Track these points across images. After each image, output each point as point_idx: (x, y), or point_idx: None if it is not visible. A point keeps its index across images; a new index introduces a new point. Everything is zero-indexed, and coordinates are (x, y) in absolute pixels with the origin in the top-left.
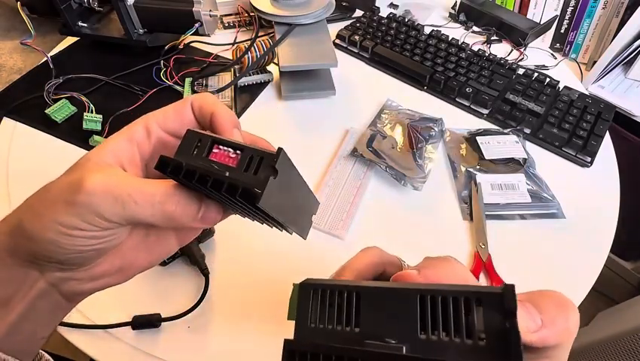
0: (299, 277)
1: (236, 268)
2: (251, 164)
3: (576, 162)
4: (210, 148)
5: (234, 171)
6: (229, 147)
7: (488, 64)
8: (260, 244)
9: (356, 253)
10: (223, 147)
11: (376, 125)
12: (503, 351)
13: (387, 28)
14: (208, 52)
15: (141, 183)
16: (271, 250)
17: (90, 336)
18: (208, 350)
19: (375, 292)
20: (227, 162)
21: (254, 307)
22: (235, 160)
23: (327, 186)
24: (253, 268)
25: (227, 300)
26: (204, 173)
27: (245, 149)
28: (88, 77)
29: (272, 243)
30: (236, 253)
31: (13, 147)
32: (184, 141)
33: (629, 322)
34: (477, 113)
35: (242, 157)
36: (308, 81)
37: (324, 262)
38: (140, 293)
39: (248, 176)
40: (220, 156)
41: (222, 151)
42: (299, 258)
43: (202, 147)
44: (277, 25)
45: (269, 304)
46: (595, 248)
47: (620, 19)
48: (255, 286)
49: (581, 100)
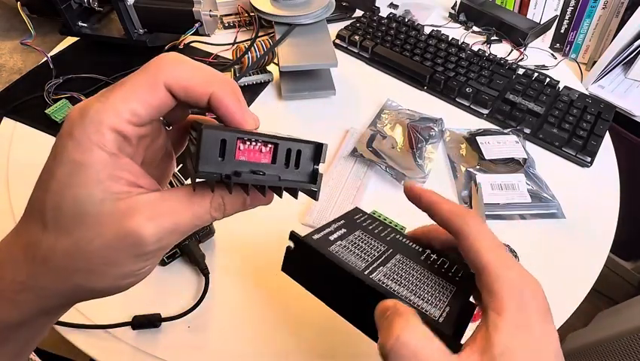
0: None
1: (236, 268)
2: (290, 157)
3: (576, 162)
4: (235, 147)
5: (276, 169)
6: (256, 142)
7: (488, 64)
8: (260, 243)
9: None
10: (250, 143)
11: (376, 125)
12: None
13: (387, 28)
14: (208, 52)
15: (190, 207)
16: (271, 250)
17: (90, 336)
18: (208, 350)
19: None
20: (260, 160)
21: (254, 307)
22: (268, 156)
23: (328, 186)
24: (253, 268)
25: (226, 300)
26: (255, 182)
27: (277, 142)
28: (88, 77)
29: (272, 243)
30: (235, 253)
31: (13, 147)
32: (203, 145)
33: (629, 322)
34: (477, 113)
35: (276, 151)
36: (308, 81)
37: None
38: (140, 293)
39: (294, 173)
40: (251, 154)
41: (250, 147)
42: None
43: (230, 148)
44: (277, 25)
45: (269, 304)
46: (595, 248)
47: (620, 19)
48: (255, 286)
49: (581, 100)
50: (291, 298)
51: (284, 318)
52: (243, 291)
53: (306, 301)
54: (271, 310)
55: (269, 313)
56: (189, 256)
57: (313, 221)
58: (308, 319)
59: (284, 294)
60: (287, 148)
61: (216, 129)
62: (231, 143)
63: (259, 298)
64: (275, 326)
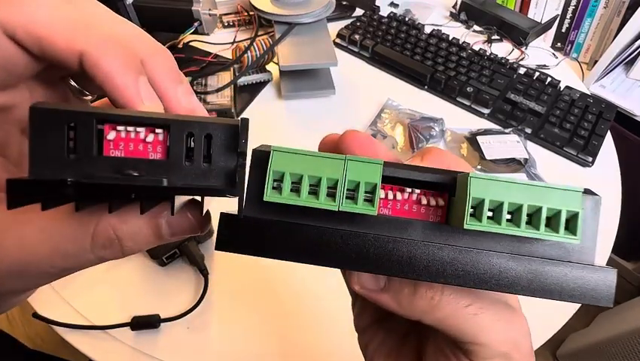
0: (297, 277)
1: (235, 268)
2: (194, 149)
3: (577, 162)
4: (97, 135)
5: (172, 168)
6: (136, 124)
7: (489, 63)
8: None
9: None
10: (125, 127)
11: (376, 124)
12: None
13: (387, 28)
14: (208, 51)
15: (54, 238)
16: None
17: (89, 337)
18: (208, 350)
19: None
20: (146, 155)
21: (254, 307)
22: (159, 147)
23: None
24: (252, 268)
25: (226, 300)
26: (120, 185)
27: (170, 123)
28: None
29: None
30: (235, 254)
31: None
32: (35, 132)
33: (630, 322)
34: (478, 112)
35: (173, 140)
36: (308, 80)
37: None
38: (139, 294)
39: (203, 172)
40: (129, 146)
41: (126, 135)
42: None
43: (86, 137)
44: (277, 24)
45: (269, 304)
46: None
47: (621, 18)
48: (255, 286)
49: (582, 100)
50: (290, 299)
51: (284, 318)
52: (242, 292)
53: (306, 302)
54: (271, 310)
55: (268, 314)
56: (188, 256)
57: None
58: (308, 319)
59: (283, 294)
60: (186, 133)
61: (62, 107)
62: (88, 128)
63: (258, 299)
64: (274, 326)
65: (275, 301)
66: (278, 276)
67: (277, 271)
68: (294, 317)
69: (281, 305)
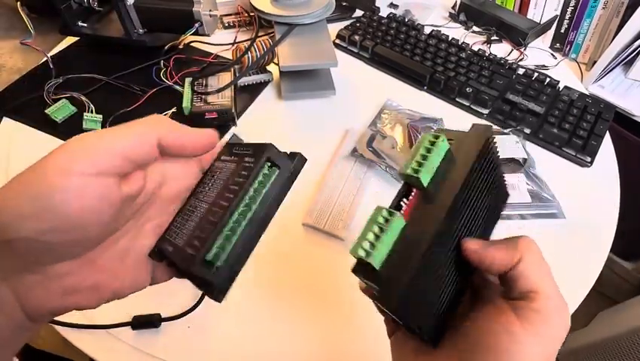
0: (298, 277)
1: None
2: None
3: (576, 162)
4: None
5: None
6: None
7: (488, 64)
8: (260, 243)
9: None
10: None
11: (376, 125)
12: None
13: (387, 28)
14: (208, 52)
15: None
16: (271, 250)
17: (90, 336)
18: (208, 350)
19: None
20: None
21: (254, 307)
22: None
23: (327, 186)
24: (253, 268)
25: (227, 300)
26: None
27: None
28: (88, 77)
29: (272, 243)
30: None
31: (13, 147)
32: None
33: (629, 322)
34: (477, 113)
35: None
36: (308, 81)
37: (325, 262)
38: (140, 293)
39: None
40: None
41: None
42: (299, 258)
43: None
44: (277, 25)
45: (270, 304)
46: (595, 248)
47: (620, 19)
48: (255, 286)
49: (581, 100)
50: (291, 298)
51: (285, 318)
52: (243, 291)
53: (307, 301)
54: (271, 310)
55: (269, 313)
56: None
57: (314, 222)
58: (308, 318)
59: (284, 294)
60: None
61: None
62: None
63: (259, 298)
64: (275, 326)
65: (276, 300)
66: (279, 275)
67: (278, 270)
68: (295, 316)
69: (282, 305)
